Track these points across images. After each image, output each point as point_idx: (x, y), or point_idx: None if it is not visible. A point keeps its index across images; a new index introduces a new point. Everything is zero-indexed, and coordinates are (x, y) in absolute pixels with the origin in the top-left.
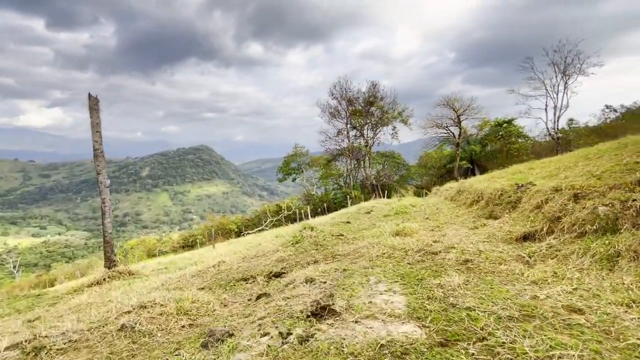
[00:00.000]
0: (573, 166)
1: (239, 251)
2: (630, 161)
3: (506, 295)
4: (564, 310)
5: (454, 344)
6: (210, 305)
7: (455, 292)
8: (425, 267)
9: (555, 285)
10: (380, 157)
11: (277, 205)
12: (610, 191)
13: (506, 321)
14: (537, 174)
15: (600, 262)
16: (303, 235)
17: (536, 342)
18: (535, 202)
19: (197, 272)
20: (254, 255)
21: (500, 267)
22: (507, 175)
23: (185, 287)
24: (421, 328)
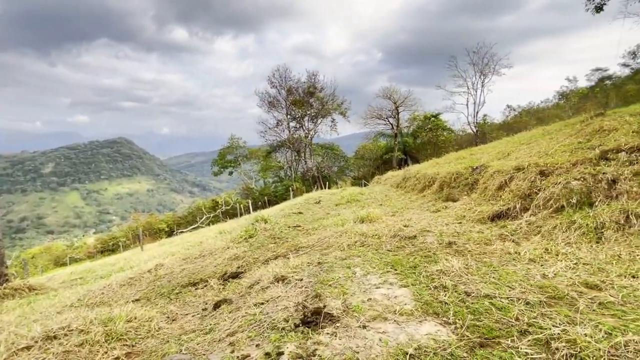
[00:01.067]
0: (514, 149)
1: (176, 252)
2: (573, 141)
3: (516, 278)
4: (584, 288)
5: (496, 342)
6: (152, 323)
7: (462, 279)
8: (411, 252)
9: (555, 262)
10: (320, 148)
11: (214, 201)
12: (574, 167)
13: (538, 307)
14: (482, 157)
15: (587, 235)
16: (257, 229)
17: (589, 330)
18: (498, 182)
19: (127, 280)
20: (199, 254)
21: (488, 247)
22: (453, 161)
23: (114, 301)
24: (445, 326)
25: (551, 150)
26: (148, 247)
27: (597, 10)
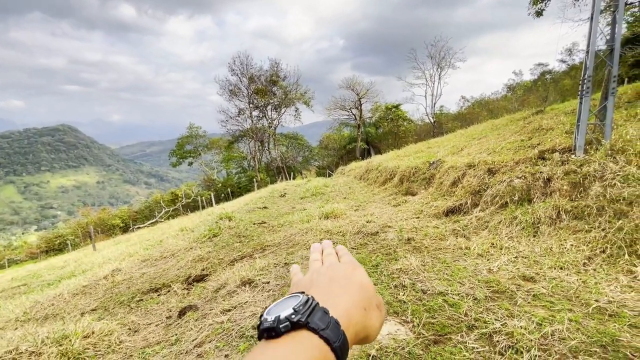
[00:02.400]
0: (467, 145)
1: (134, 252)
2: (516, 140)
3: (465, 273)
4: (522, 281)
5: (448, 338)
6: (113, 336)
7: (419, 276)
8: (373, 250)
9: (498, 256)
10: (284, 138)
11: (173, 194)
12: (517, 165)
13: (484, 302)
14: (439, 152)
15: (526, 230)
16: (221, 227)
17: (524, 322)
18: (452, 177)
19: (80, 289)
20: (160, 256)
21: (443, 243)
22: (412, 154)
23: (67, 314)
24: (404, 325)
25: (498, 148)
26: (101, 245)
27: (537, 15)
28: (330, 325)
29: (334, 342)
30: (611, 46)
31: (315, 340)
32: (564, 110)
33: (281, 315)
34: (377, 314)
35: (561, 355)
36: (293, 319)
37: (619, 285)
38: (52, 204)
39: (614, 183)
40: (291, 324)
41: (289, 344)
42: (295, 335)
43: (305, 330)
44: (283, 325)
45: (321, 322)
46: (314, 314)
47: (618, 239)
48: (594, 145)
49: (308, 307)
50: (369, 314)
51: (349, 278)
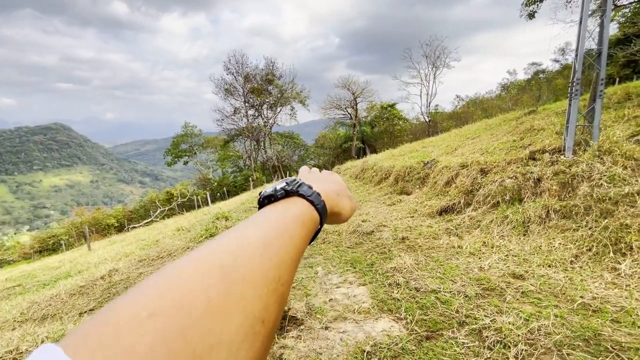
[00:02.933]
0: (461, 144)
1: (130, 252)
2: (508, 140)
3: (457, 272)
4: (511, 278)
5: (439, 334)
6: None
7: (413, 275)
8: (369, 249)
9: (490, 255)
10: (280, 137)
11: (168, 193)
12: (509, 166)
13: (474, 299)
14: (434, 151)
15: (517, 229)
16: (217, 226)
17: (512, 318)
18: (446, 177)
19: (77, 289)
20: (156, 256)
21: (436, 242)
22: (407, 153)
23: (65, 314)
24: (397, 322)
25: (491, 148)
26: (96, 245)
27: (529, 17)
28: (314, 194)
29: (317, 204)
30: (599, 50)
31: (304, 202)
32: (555, 110)
33: (277, 187)
34: (347, 200)
35: (546, 349)
36: (287, 188)
37: (603, 282)
38: (45, 203)
39: (601, 183)
40: (285, 192)
41: (286, 202)
42: (289, 199)
43: (297, 196)
44: (279, 193)
45: (307, 192)
46: (302, 186)
47: (604, 237)
48: (582, 146)
49: (297, 182)
50: (341, 198)
51: (327, 176)
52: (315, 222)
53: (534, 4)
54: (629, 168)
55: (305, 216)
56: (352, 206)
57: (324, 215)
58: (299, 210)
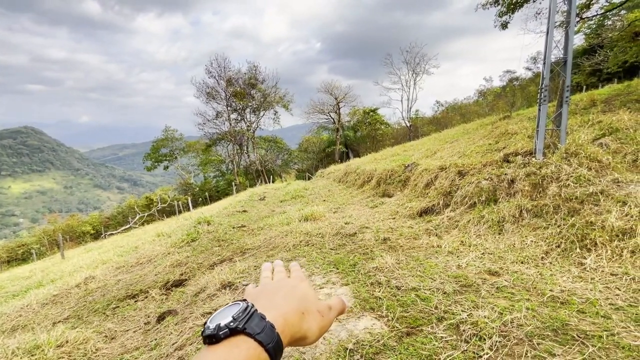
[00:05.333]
0: (440, 148)
1: (108, 259)
2: (485, 143)
3: (436, 270)
4: (487, 275)
5: (419, 329)
6: (89, 344)
7: (394, 274)
8: (351, 250)
9: (467, 253)
10: (263, 141)
11: (148, 198)
12: (485, 168)
13: (452, 295)
14: (414, 155)
15: (492, 228)
16: (199, 231)
17: (487, 312)
18: (426, 179)
19: (50, 298)
20: (136, 262)
21: (417, 242)
22: (388, 157)
23: (37, 324)
24: (379, 320)
25: (468, 151)
26: (70, 253)
27: (503, 27)
28: (266, 329)
29: (267, 343)
30: (565, 58)
31: (250, 343)
32: (528, 115)
33: (221, 323)
34: (316, 318)
35: (518, 340)
36: (231, 326)
37: (570, 276)
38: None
39: (568, 183)
40: (229, 330)
41: (226, 347)
42: (233, 340)
43: (243, 335)
44: (222, 332)
45: (257, 327)
46: (251, 320)
47: (571, 234)
48: (551, 148)
49: (246, 314)
50: (307, 318)
51: (293, 288)
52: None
53: (506, 15)
54: (593, 169)
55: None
56: (323, 324)
57: (278, 353)
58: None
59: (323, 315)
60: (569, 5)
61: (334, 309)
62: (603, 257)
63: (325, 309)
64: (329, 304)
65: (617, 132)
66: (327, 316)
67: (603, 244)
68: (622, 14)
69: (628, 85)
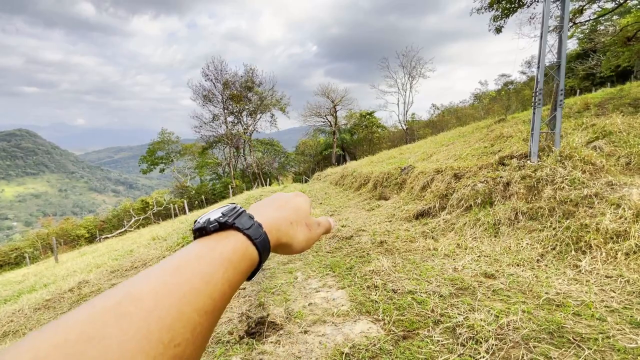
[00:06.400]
0: (437, 151)
1: (102, 263)
2: (480, 146)
3: (433, 273)
4: (483, 278)
5: (416, 333)
6: None
7: (390, 277)
8: (348, 253)
9: (463, 255)
10: (260, 144)
11: (143, 201)
12: (480, 171)
13: (449, 298)
14: (410, 158)
15: (488, 230)
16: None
17: (484, 315)
18: (422, 182)
19: (42, 303)
20: (130, 266)
21: (413, 245)
22: (385, 160)
23: (29, 330)
24: (376, 323)
25: (464, 154)
26: (64, 257)
27: (497, 31)
28: (253, 226)
29: (255, 238)
30: (558, 63)
31: (239, 236)
32: (523, 119)
33: (211, 218)
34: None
35: (515, 343)
36: (220, 220)
37: (566, 279)
38: (7, 214)
39: (563, 186)
40: (219, 224)
41: (215, 239)
42: (222, 233)
43: (232, 229)
44: (212, 226)
45: (246, 224)
46: (240, 217)
47: (566, 237)
48: (546, 151)
49: (235, 212)
50: (295, 227)
51: (288, 201)
52: (252, 260)
53: (501, 19)
54: (587, 172)
55: (236, 254)
56: (310, 236)
57: (265, 251)
58: (229, 248)
59: (310, 230)
60: (562, 11)
61: (322, 225)
62: (598, 259)
63: (314, 224)
64: (318, 221)
65: (611, 135)
66: (314, 230)
67: (598, 247)
68: (615, 19)
69: (621, 89)
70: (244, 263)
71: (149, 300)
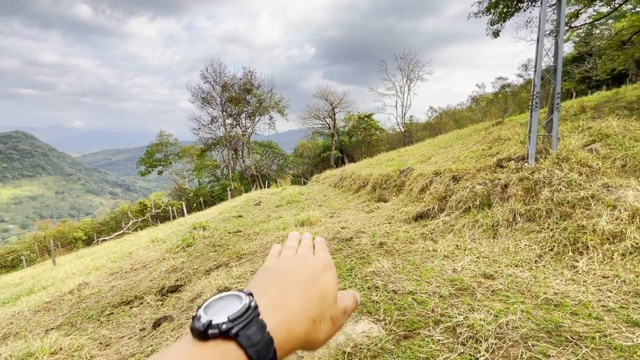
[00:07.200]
0: (435, 153)
1: (101, 265)
2: (478, 149)
3: (432, 274)
4: (482, 278)
5: (416, 333)
6: (83, 352)
7: (391, 278)
8: (348, 255)
9: (462, 257)
10: (258, 146)
11: (141, 204)
12: (478, 173)
13: (449, 299)
14: (409, 160)
15: (487, 232)
16: (194, 236)
17: (483, 315)
18: (421, 184)
19: (42, 305)
20: (130, 268)
21: (412, 246)
22: (383, 162)
23: (29, 332)
24: (377, 323)
25: (462, 156)
26: (62, 260)
27: (494, 35)
28: (262, 342)
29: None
30: (554, 66)
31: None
32: (520, 121)
33: (213, 321)
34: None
35: (514, 342)
36: (223, 329)
37: (563, 279)
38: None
39: (560, 188)
40: (220, 333)
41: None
42: (221, 344)
43: (234, 342)
44: (211, 333)
45: (253, 338)
46: (249, 327)
47: (563, 238)
48: (543, 154)
49: (245, 317)
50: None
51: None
52: None
53: (498, 23)
54: (583, 174)
55: None
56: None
57: None
58: None
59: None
60: (558, 15)
61: (347, 311)
62: (595, 260)
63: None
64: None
65: (607, 138)
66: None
67: (594, 247)
68: (610, 23)
69: (616, 92)
70: None
71: None
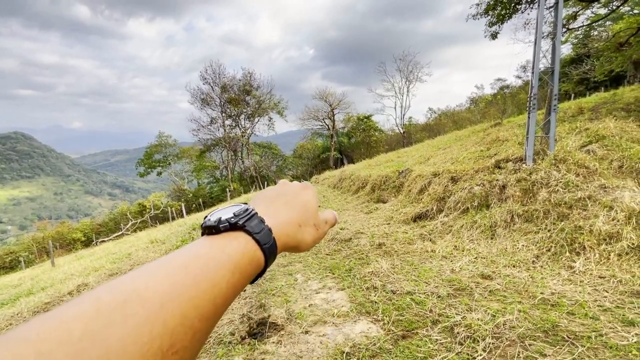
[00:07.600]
0: (433, 154)
1: (100, 266)
2: (477, 150)
3: (431, 274)
4: (480, 279)
5: (415, 332)
6: None
7: (389, 278)
8: (347, 255)
9: (461, 257)
10: (258, 147)
11: (140, 205)
12: (477, 174)
13: (447, 299)
14: (408, 161)
15: (485, 232)
16: (194, 237)
17: (481, 315)
18: (419, 185)
19: (41, 306)
20: (129, 269)
21: (411, 247)
22: (383, 163)
23: None
24: (375, 323)
25: (461, 157)
26: (61, 261)
27: (492, 37)
28: (263, 231)
29: (264, 243)
30: (552, 68)
31: (248, 240)
32: (518, 122)
33: (222, 217)
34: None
35: (511, 341)
36: (232, 221)
37: (560, 279)
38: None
39: (557, 189)
40: (230, 225)
41: (225, 238)
42: (232, 234)
43: (242, 231)
44: (223, 225)
45: (256, 227)
46: (251, 220)
47: (561, 238)
48: (541, 155)
49: (247, 214)
50: (303, 230)
51: (296, 196)
52: (257, 264)
53: (496, 25)
54: (580, 175)
55: (244, 259)
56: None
57: (271, 256)
58: (238, 251)
59: (318, 229)
60: (555, 17)
61: (328, 222)
62: (591, 260)
63: (322, 223)
64: (325, 218)
65: (604, 139)
66: (321, 229)
67: (591, 248)
68: (607, 25)
69: (614, 93)
70: (250, 267)
71: (155, 301)
